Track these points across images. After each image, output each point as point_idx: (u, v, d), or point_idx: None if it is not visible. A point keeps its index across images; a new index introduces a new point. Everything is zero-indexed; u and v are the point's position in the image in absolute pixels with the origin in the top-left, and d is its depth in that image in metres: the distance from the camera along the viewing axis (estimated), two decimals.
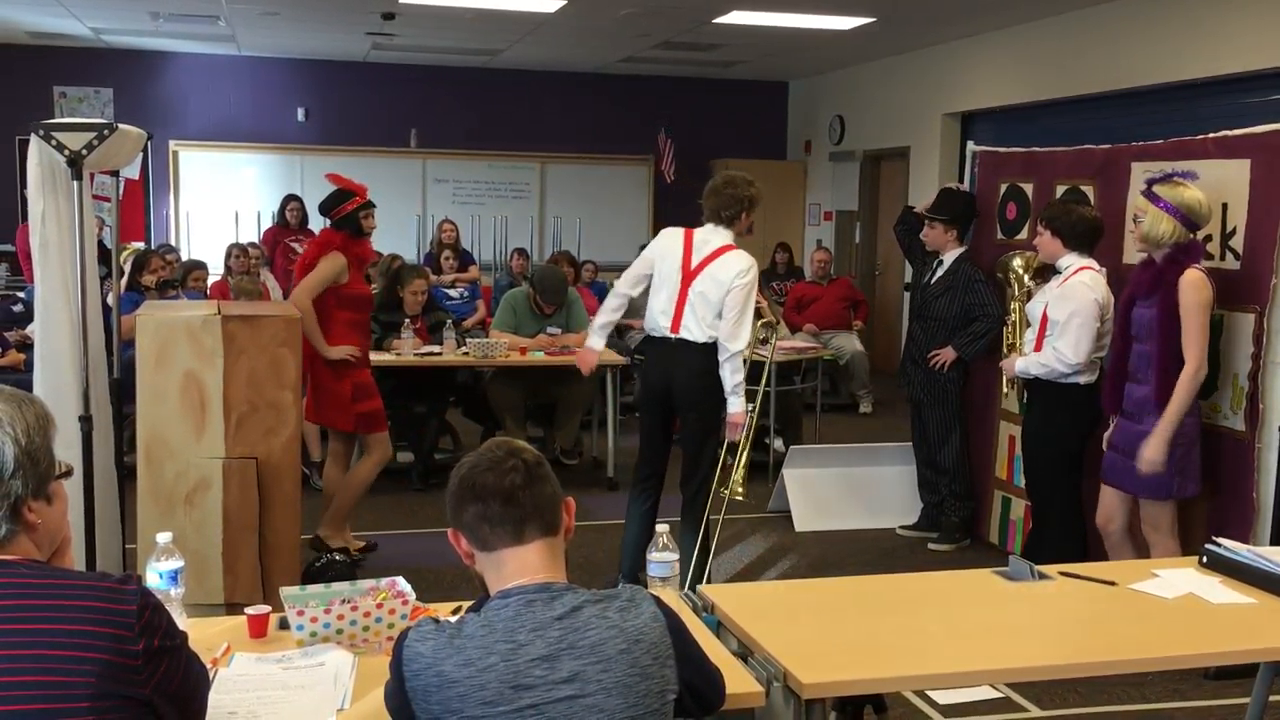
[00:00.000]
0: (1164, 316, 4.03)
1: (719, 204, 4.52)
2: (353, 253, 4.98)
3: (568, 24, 9.48)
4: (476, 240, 11.94)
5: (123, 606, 1.57)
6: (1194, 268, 4.01)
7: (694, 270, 4.48)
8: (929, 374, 5.65)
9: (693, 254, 4.50)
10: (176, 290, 7.23)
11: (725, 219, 4.52)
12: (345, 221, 4.95)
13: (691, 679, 1.88)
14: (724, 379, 4.46)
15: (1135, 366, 4.19)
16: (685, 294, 4.47)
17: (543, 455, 1.93)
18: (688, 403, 4.55)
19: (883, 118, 11.28)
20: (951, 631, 2.49)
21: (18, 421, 1.61)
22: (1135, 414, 4.18)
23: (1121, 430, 4.26)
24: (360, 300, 5.07)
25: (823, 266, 9.62)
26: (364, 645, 2.40)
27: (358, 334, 5.08)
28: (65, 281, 3.79)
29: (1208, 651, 2.54)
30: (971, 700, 3.85)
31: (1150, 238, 4.07)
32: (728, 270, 4.43)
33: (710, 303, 4.43)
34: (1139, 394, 4.16)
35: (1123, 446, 4.22)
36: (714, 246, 4.49)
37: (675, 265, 4.52)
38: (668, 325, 4.53)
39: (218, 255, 9.35)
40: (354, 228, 4.96)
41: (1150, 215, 4.06)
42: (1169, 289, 4.02)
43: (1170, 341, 4.03)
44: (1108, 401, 4.35)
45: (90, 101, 11.73)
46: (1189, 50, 7.37)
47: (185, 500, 3.87)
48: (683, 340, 4.50)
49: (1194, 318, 3.99)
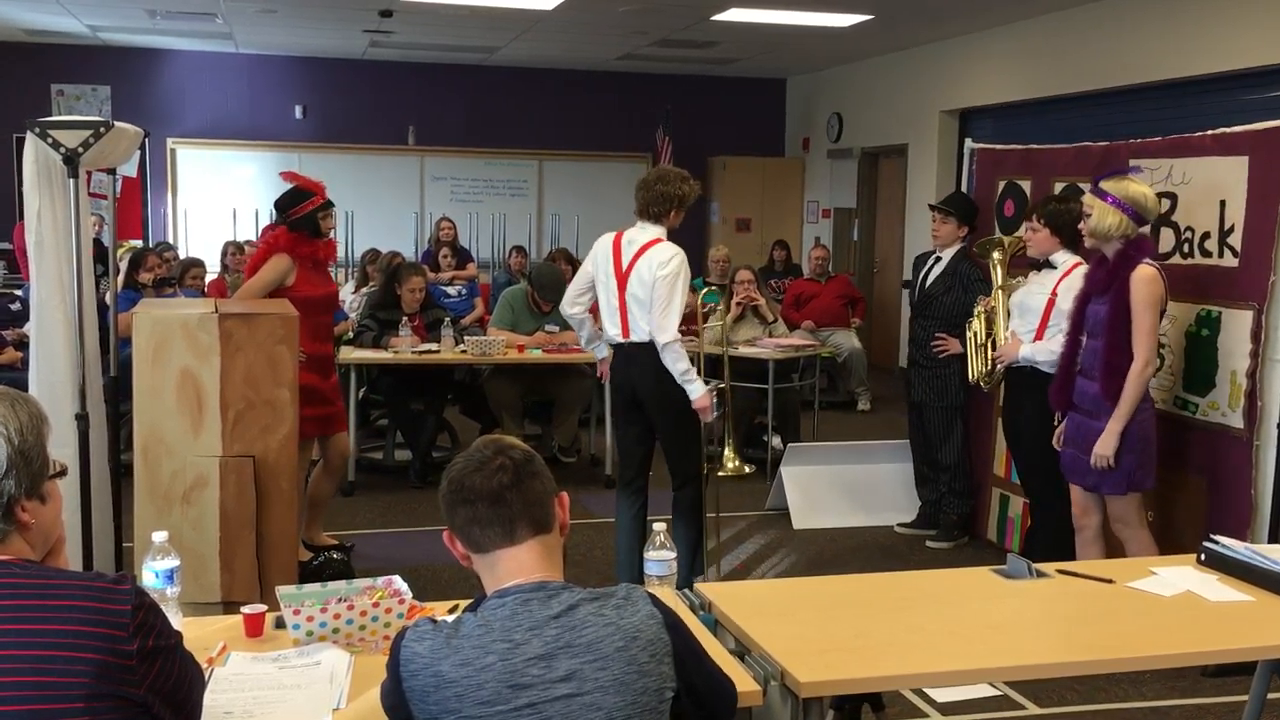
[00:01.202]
0: (1114, 312, 4.03)
1: (648, 200, 4.50)
2: (303, 253, 4.85)
3: (565, 21, 9.47)
4: (474, 238, 11.94)
5: (117, 606, 1.57)
6: (1145, 263, 4.02)
7: (625, 272, 4.47)
8: (931, 372, 5.64)
9: (622, 256, 4.50)
10: (174, 288, 7.22)
11: (653, 215, 4.50)
12: (303, 222, 4.84)
13: (692, 678, 1.86)
14: (671, 370, 4.41)
15: (1088, 363, 4.18)
16: (623, 297, 4.47)
17: (534, 452, 1.91)
18: (654, 405, 4.52)
19: (881, 115, 11.27)
20: (949, 630, 2.49)
21: (11, 421, 1.61)
22: (1091, 410, 4.17)
23: (1076, 426, 4.24)
24: (310, 303, 4.80)
25: (821, 264, 9.61)
26: (360, 644, 2.40)
27: (307, 336, 4.70)
28: (61, 279, 3.78)
29: (1206, 649, 2.53)
30: (969, 698, 3.85)
31: (1097, 232, 4.08)
32: (650, 264, 4.41)
33: (641, 301, 4.43)
34: (1093, 390, 4.14)
35: (1079, 442, 4.20)
36: (639, 245, 4.47)
37: (609, 271, 4.53)
38: (618, 331, 4.53)
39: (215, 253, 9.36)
40: (311, 228, 4.86)
41: (1097, 209, 4.07)
42: (1121, 285, 4.02)
43: (1118, 337, 4.02)
44: (1055, 399, 4.33)
45: (88, 99, 11.72)
46: (1188, 47, 7.37)
47: (182, 498, 3.86)
48: (634, 343, 4.49)
49: (1143, 314, 3.99)
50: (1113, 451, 4.05)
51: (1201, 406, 4.45)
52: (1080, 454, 4.18)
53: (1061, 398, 4.30)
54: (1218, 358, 4.38)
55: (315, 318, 4.88)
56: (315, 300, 4.87)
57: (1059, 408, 4.34)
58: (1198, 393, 4.48)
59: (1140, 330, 3.99)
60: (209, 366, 3.85)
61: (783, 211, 12.89)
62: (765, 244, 11.24)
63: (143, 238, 11.39)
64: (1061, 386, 4.29)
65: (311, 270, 4.89)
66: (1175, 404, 4.56)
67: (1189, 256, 4.53)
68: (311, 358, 4.85)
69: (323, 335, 5.05)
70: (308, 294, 4.82)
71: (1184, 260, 4.54)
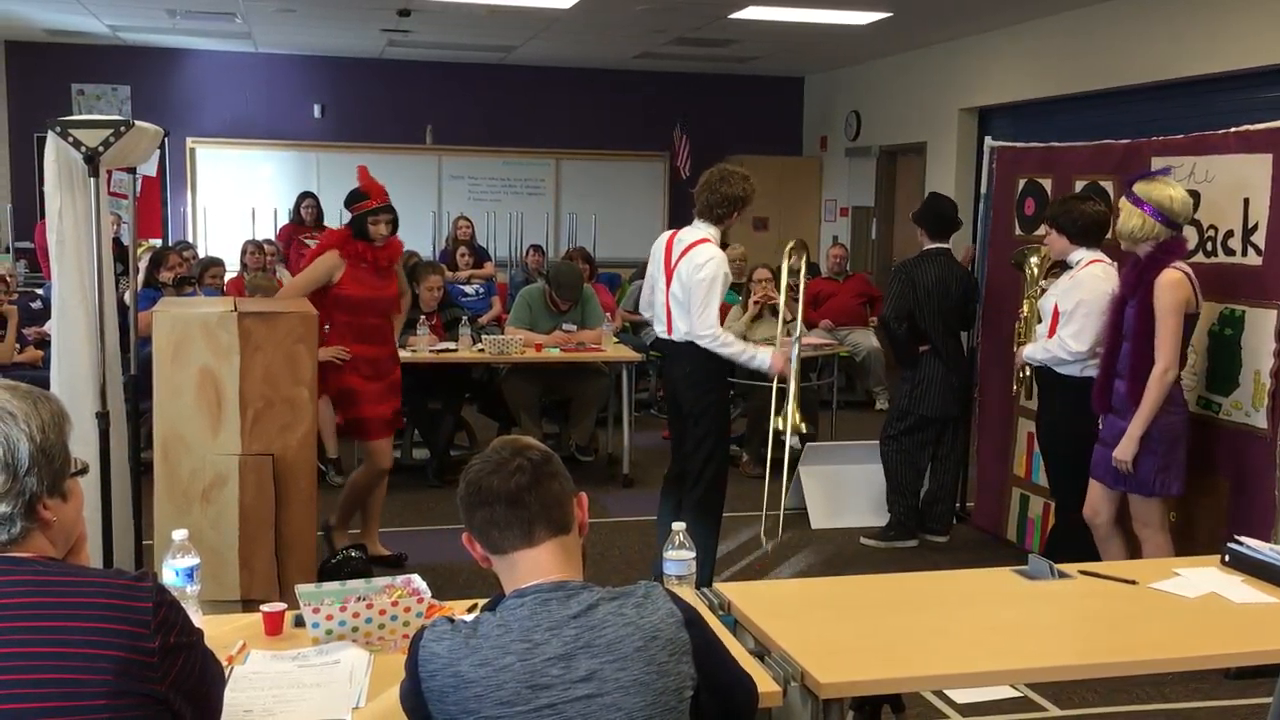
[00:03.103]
0: (1140, 316, 4.03)
1: (711, 201, 4.49)
2: (351, 252, 4.82)
3: (583, 20, 9.47)
4: (492, 237, 11.95)
5: (138, 604, 1.57)
6: (1173, 267, 4.02)
7: (670, 270, 4.50)
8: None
9: (672, 255, 4.52)
10: (194, 287, 7.25)
11: (716, 217, 4.50)
12: (354, 222, 4.86)
13: (713, 675, 1.85)
14: (731, 358, 4.49)
15: (1122, 365, 4.19)
16: (668, 295, 4.50)
17: (552, 452, 1.90)
18: (682, 399, 4.56)
19: (899, 113, 11.23)
20: (970, 631, 2.47)
21: (33, 418, 1.61)
22: (1122, 411, 4.18)
23: (1109, 426, 4.25)
24: (352, 303, 4.85)
25: (839, 262, 9.58)
26: (379, 643, 2.40)
27: (350, 337, 4.89)
28: (82, 278, 3.80)
29: (1229, 651, 2.51)
30: (990, 699, 3.83)
31: (1122, 234, 4.10)
32: (689, 266, 4.42)
33: (680, 301, 4.45)
34: (1125, 391, 4.15)
35: (1109, 442, 4.21)
36: (685, 244, 4.48)
37: (660, 267, 4.57)
38: (663, 328, 4.58)
39: (234, 252, 9.39)
40: (359, 229, 4.84)
41: (1124, 211, 4.08)
42: (1147, 288, 4.02)
43: (1143, 340, 4.03)
44: (1098, 400, 4.32)
45: (108, 99, 11.78)
46: (1209, 45, 7.31)
47: (202, 497, 3.88)
48: (672, 341, 4.54)
49: (1167, 318, 4.00)
50: (1131, 456, 4.07)
51: (1224, 406, 4.42)
52: (1109, 452, 4.19)
53: (1102, 400, 4.29)
54: (1241, 357, 4.35)
55: (360, 318, 4.88)
56: (357, 300, 4.85)
57: (1100, 410, 4.33)
58: (1221, 392, 4.44)
59: (1163, 334, 3.99)
60: (228, 365, 3.87)
61: (800, 210, 12.86)
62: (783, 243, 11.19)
63: (162, 236, 11.49)
64: (1102, 389, 4.29)
65: (362, 270, 4.83)
66: (1198, 404, 4.53)
67: (1212, 255, 4.50)
68: (356, 359, 4.87)
69: (371, 337, 4.96)
70: (351, 294, 4.82)
71: (1207, 259, 4.50)
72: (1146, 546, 4.20)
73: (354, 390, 4.89)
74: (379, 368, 5.00)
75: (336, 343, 4.87)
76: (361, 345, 4.90)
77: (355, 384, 4.89)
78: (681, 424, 4.63)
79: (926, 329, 5.57)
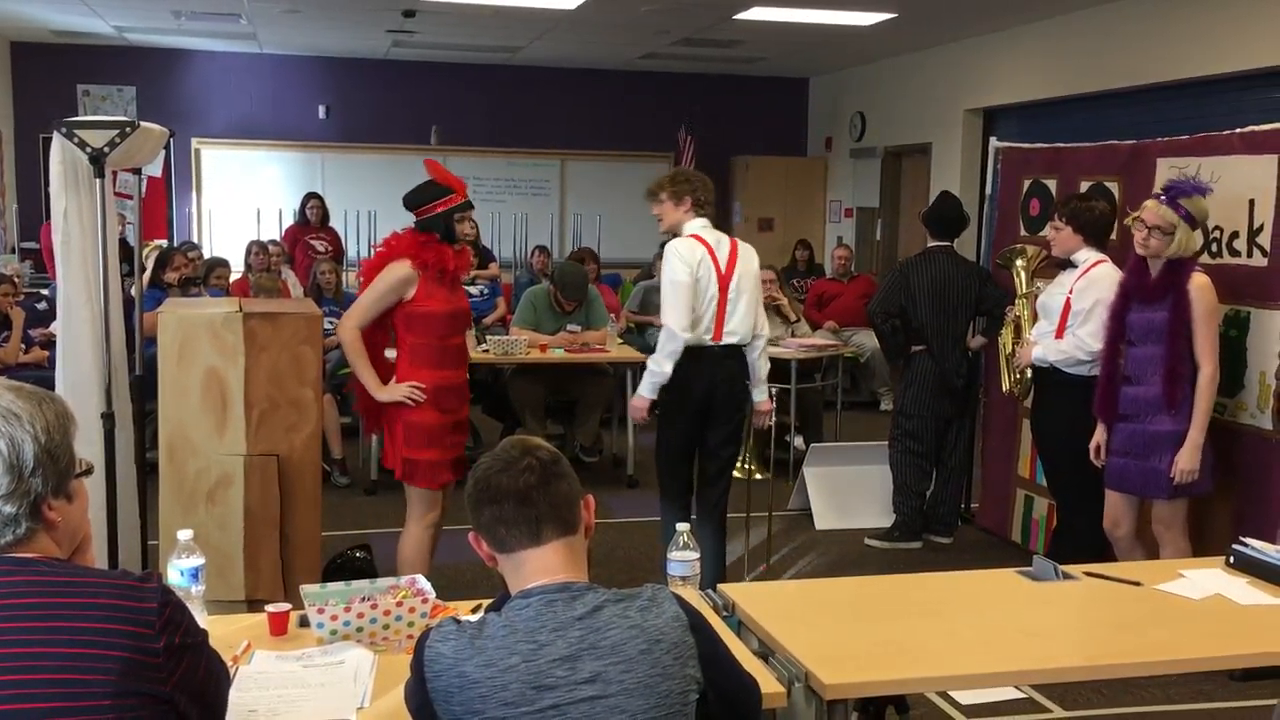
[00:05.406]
0: (1174, 320, 4.02)
1: (707, 195, 4.54)
2: (428, 259, 4.01)
3: (588, 21, 9.47)
4: (497, 237, 11.95)
5: (143, 604, 1.57)
6: (1198, 270, 4.04)
7: (727, 274, 4.43)
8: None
9: (718, 259, 4.44)
10: (199, 287, 7.26)
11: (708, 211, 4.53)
12: (434, 222, 4.04)
13: (718, 679, 1.85)
14: (759, 370, 4.55)
15: (1136, 370, 4.15)
16: (724, 299, 4.42)
17: (560, 453, 1.91)
18: (733, 406, 4.51)
19: (904, 114, 11.22)
20: (975, 632, 2.47)
21: (38, 419, 1.61)
22: (1138, 415, 4.15)
23: (1126, 434, 4.20)
24: (430, 320, 4.02)
25: (843, 263, 9.57)
26: (384, 644, 2.40)
27: (432, 362, 4.06)
28: (87, 279, 3.80)
29: (1235, 653, 2.51)
30: (994, 700, 3.82)
31: (1185, 252, 4.05)
32: (750, 261, 4.49)
33: (748, 301, 4.46)
34: (1146, 395, 4.11)
35: (1130, 449, 4.18)
36: (726, 243, 4.50)
37: (711, 276, 4.40)
38: (710, 336, 4.44)
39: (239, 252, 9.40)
40: (444, 230, 4.06)
41: (1180, 230, 4.03)
42: (1180, 293, 4.01)
43: (1179, 344, 4.02)
44: (1101, 409, 4.29)
45: (113, 99, 11.79)
46: (1215, 45, 7.30)
47: (207, 497, 3.88)
48: (727, 346, 4.46)
49: (1208, 322, 4.01)
50: (1198, 464, 4.05)
51: (1230, 408, 4.41)
52: (1131, 460, 4.16)
53: (1107, 409, 4.25)
54: (1246, 358, 4.34)
55: (437, 339, 4.07)
56: (437, 317, 4.04)
57: (1106, 419, 4.29)
58: (1226, 393, 4.43)
59: (1205, 338, 4.01)
60: (234, 366, 3.87)
61: (805, 211, 12.85)
62: (788, 244, 11.20)
63: (167, 237, 11.49)
64: (1105, 396, 4.26)
65: (436, 282, 4.02)
66: None
67: (1218, 256, 4.49)
68: (435, 389, 4.04)
69: (456, 360, 4.17)
70: (429, 309, 4.02)
71: (1212, 260, 4.49)
72: (1166, 549, 4.17)
73: (425, 426, 4.06)
74: (462, 396, 4.24)
75: (410, 372, 4.05)
76: (443, 371, 4.10)
77: (426, 419, 4.05)
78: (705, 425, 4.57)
79: (919, 328, 5.56)
